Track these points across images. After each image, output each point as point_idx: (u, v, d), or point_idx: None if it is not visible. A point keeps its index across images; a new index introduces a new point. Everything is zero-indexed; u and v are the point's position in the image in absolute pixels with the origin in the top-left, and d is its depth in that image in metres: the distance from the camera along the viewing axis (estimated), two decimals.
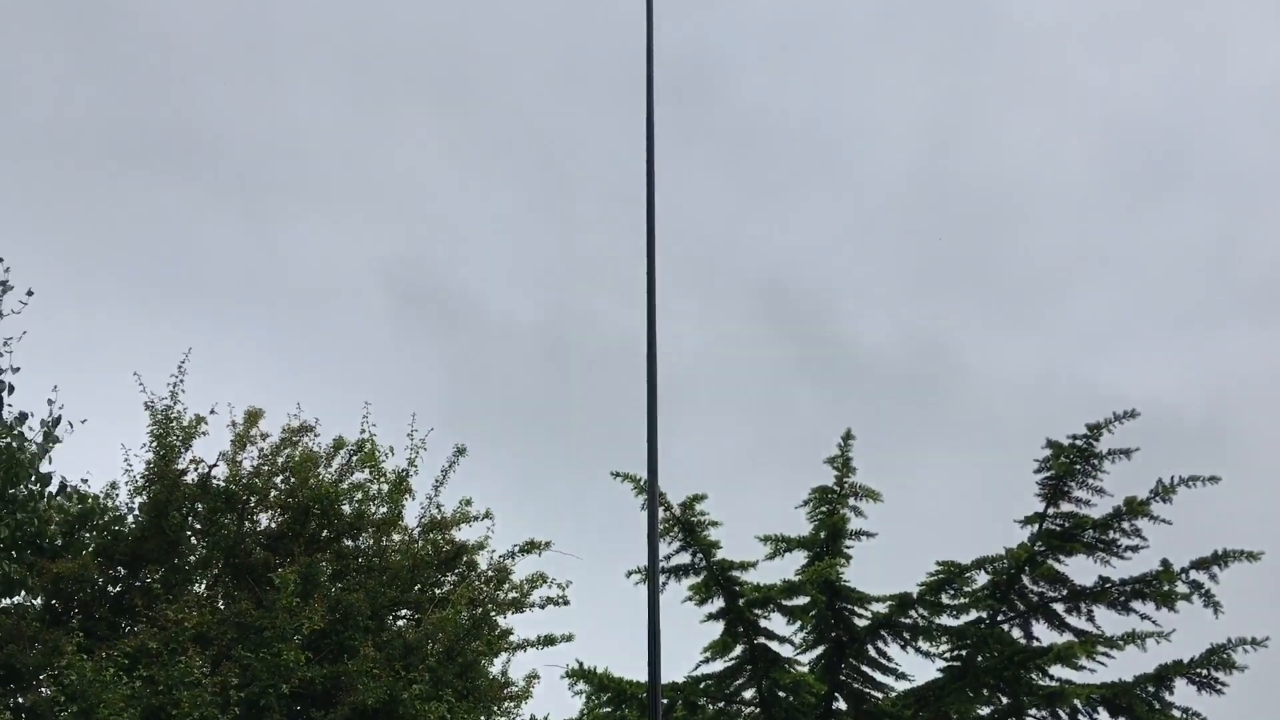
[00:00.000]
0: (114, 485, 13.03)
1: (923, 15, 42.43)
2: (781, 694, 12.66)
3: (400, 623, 13.54)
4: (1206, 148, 40.37)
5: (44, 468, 12.60)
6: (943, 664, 12.55)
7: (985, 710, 12.40)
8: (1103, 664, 11.85)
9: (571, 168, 38.01)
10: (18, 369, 12.50)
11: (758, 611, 12.60)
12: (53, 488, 12.68)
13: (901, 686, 12.68)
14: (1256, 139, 39.35)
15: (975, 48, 41.78)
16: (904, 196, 39.20)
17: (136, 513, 12.90)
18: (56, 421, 12.63)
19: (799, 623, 12.74)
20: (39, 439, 12.53)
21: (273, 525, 13.37)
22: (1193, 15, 40.97)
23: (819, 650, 12.97)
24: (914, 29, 41.99)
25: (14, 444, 12.20)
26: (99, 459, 13.20)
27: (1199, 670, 11.46)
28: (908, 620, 12.50)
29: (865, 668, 12.85)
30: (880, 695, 12.78)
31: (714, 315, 34.83)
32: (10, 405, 12.53)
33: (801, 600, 12.48)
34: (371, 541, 13.72)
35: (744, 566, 12.50)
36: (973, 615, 12.33)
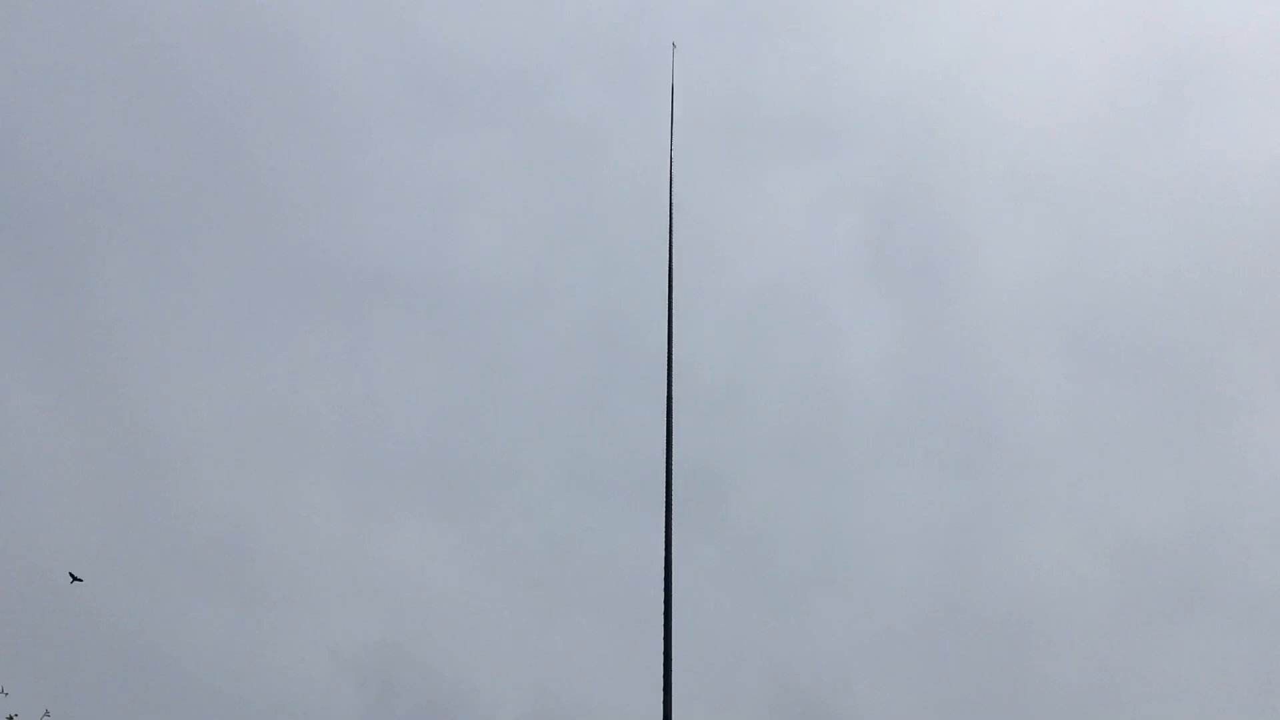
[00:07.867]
0: None
1: (926, 427, 42.55)
2: None
3: None
4: (1225, 567, 39.62)
5: None
6: None
7: None
8: None
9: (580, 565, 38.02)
10: None
11: None
12: None
13: None
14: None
15: (980, 460, 41.71)
16: (916, 611, 39.28)
17: None
18: None
19: None
20: None
21: None
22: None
23: None
24: (919, 440, 41.72)
25: None
26: None
27: None
28: None
29: None
30: None
31: None
32: None
33: None
34: None
35: None
36: None
